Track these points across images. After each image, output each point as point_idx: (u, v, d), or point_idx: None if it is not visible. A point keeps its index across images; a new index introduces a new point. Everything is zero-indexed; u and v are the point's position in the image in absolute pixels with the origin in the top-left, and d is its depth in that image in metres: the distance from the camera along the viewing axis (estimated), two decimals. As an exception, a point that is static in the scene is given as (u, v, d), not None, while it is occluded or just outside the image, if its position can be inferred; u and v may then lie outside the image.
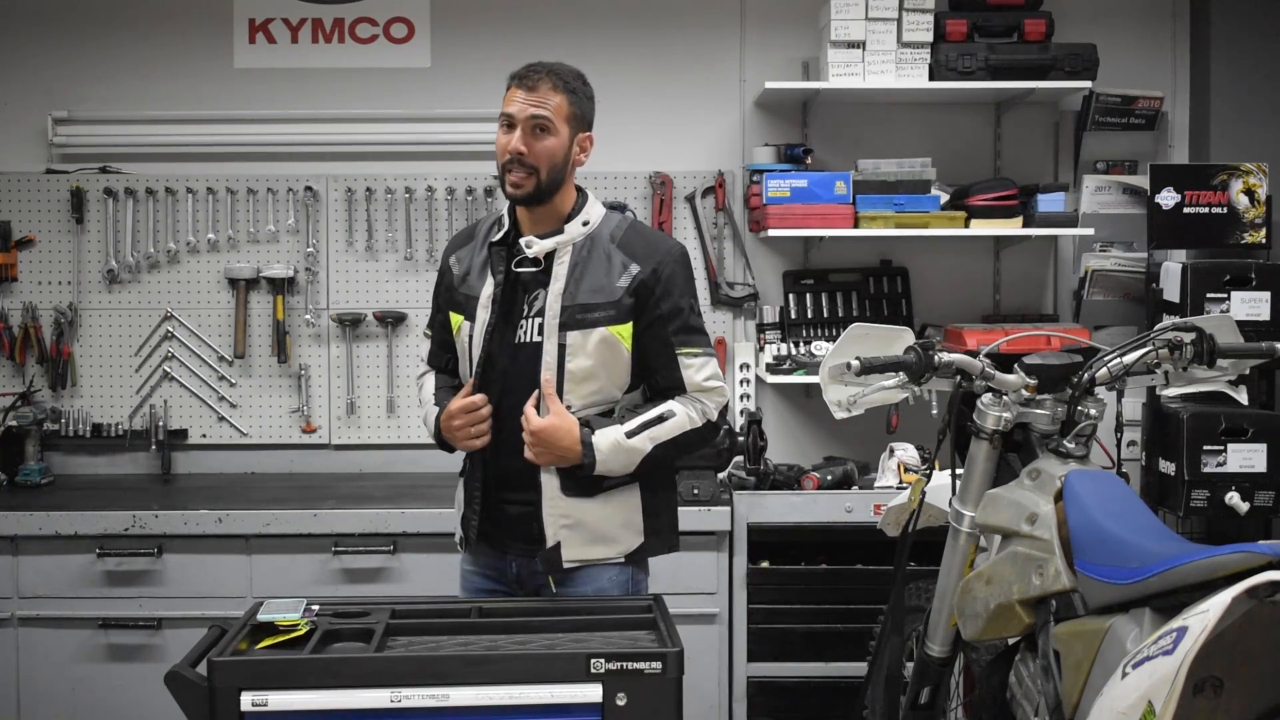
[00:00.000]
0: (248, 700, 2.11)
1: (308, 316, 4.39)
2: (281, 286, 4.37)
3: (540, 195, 2.61)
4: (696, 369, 2.64)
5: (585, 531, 2.62)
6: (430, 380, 2.83)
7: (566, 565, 2.62)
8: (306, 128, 4.39)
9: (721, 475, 3.94)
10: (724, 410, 2.68)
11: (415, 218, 4.40)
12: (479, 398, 2.62)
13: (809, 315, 4.37)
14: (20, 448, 4.25)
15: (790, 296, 4.38)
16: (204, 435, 4.41)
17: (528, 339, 2.63)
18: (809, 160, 4.21)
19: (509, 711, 2.13)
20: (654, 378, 2.66)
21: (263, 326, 4.41)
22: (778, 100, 4.33)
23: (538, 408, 2.58)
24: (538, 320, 2.62)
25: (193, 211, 4.38)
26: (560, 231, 2.64)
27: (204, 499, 3.93)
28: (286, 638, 2.25)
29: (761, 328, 4.36)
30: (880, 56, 4.07)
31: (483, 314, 2.65)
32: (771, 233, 4.09)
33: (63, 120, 4.36)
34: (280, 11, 4.42)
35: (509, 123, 2.60)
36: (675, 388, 2.64)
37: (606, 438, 2.56)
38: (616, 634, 2.32)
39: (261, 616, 2.29)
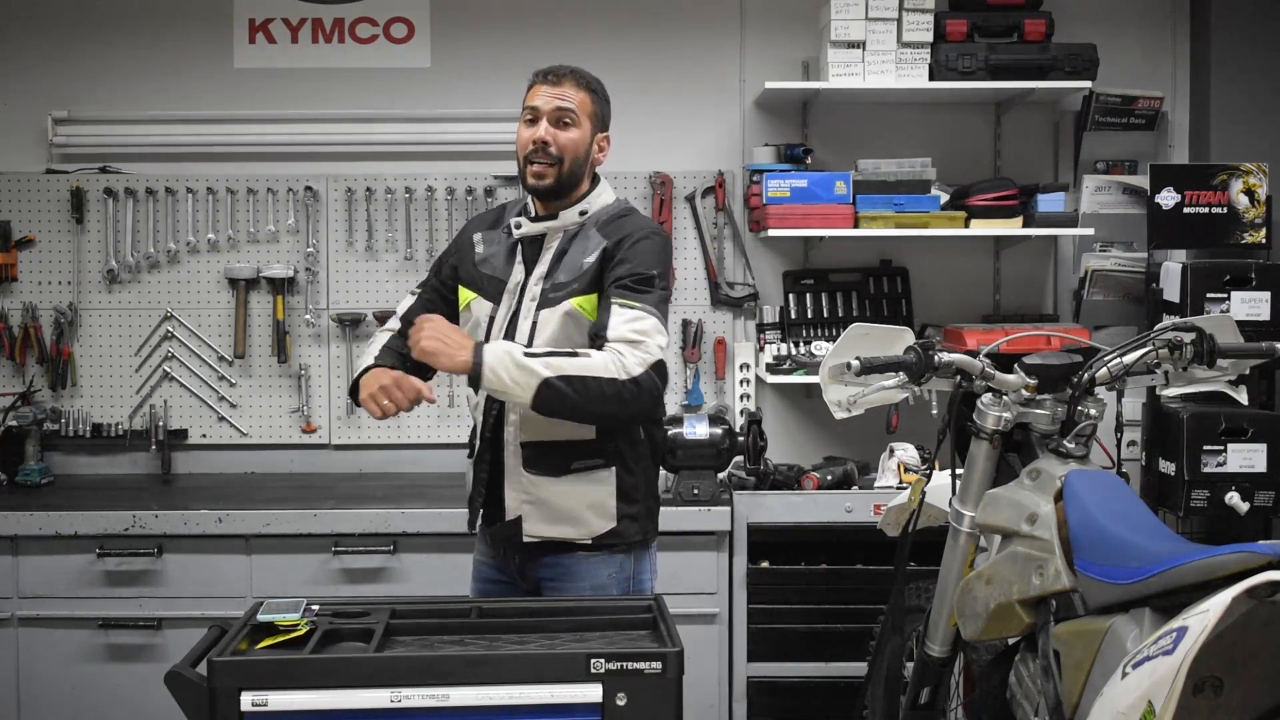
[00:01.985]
0: (248, 700, 2.11)
1: (308, 316, 4.39)
2: (281, 286, 4.37)
3: (561, 188, 2.66)
4: (625, 320, 2.51)
5: (547, 509, 2.64)
6: (380, 337, 2.83)
7: (526, 539, 2.64)
8: (306, 128, 4.39)
9: (721, 475, 3.94)
10: (655, 370, 2.50)
11: (415, 218, 4.40)
12: (428, 393, 2.61)
13: (809, 315, 4.37)
14: (20, 448, 4.25)
15: (790, 296, 4.38)
16: (204, 435, 4.41)
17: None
18: (809, 160, 4.22)
19: (509, 711, 2.13)
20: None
21: (263, 326, 4.41)
22: (778, 100, 4.33)
23: None
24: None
25: (193, 211, 4.38)
26: (554, 218, 2.67)
27: (204, 499, 3.93)
28: (286, 638, 2.25)
29: (761, 328, 4.36)
30: (880, 56, 4.07)
31: (508, 300, 2.69)
32: (771, 233, 4.09)
33: (63, 120, 4.36)
34: (280, 11, 4.42)
35: (533, 116, 2.65)
36: (599, 335, 2.53)
37: (500, 346, 2.51)
38: (616, 634, 2.32)
39: (261, 616, 2.29)
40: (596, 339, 2.55)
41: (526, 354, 2.47)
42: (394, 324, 2.85)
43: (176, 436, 4.39)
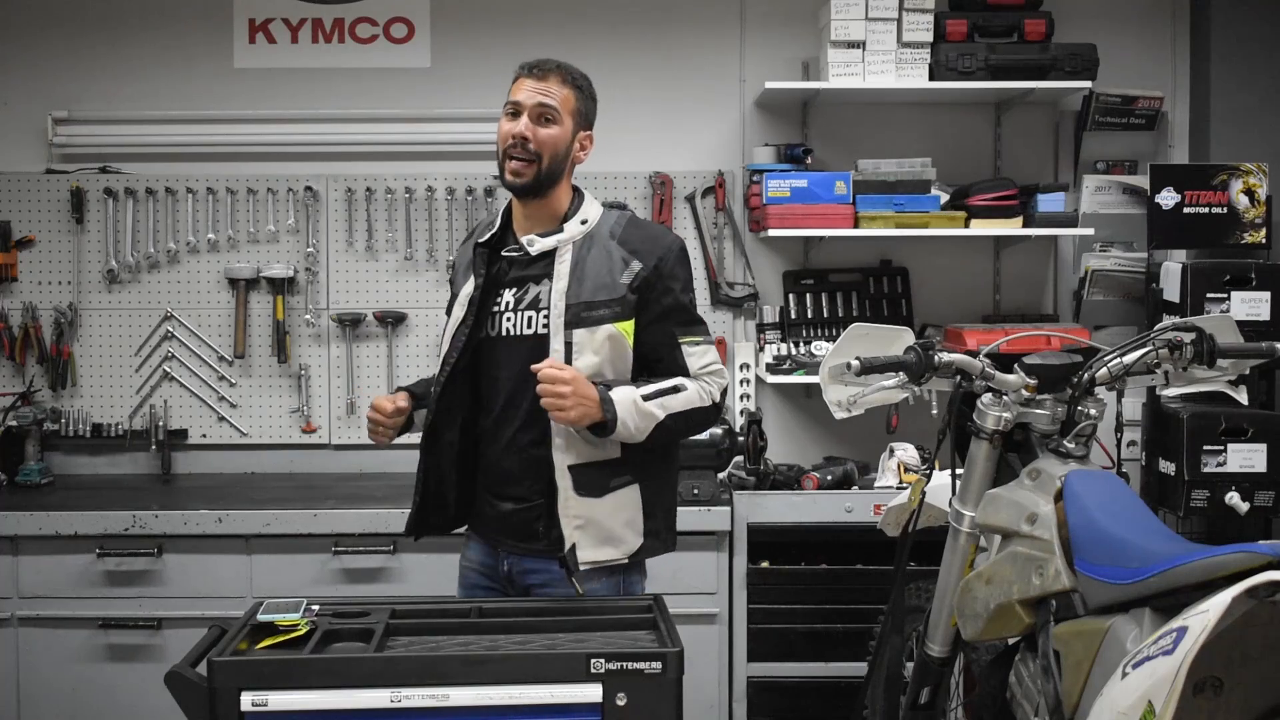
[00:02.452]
0: (248, 700, 2.11)
1: (308, 316, 4.39)
2: (281, 286, 4.37)
3: (539, 186, 2.62)
4: (698, 356, 2.65)
5: (596, 531, 2.60)
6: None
7: (583, 567, 2.59)
8: (306, 128, 4.39)
9: (721, 475, 3.94)
10: (725, 392, 2.69)
11: (415, 218, 4.40)
12: (390, 406, 2.72)
13: (809, 315, 4.37)
14: (20, 448, 4.25)
15: (790, 296, 4.38)
16: (204, 435, 4.41)
17: (517, 332, 2.64)
18: (809, 160, 4.22)
19: (509, 711, 2.13)
20: (656, 368, 2.65)
21: (263, 326, 4.41)
22: (778, 100, 4.33)
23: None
24: (529, 314, 2.63)
25: (193, 211, 4.38)
26: (560, 230, 2.65)
27: (204, 499, 3.93)
28: (286, 638, 2.25)
29: (761, 328, 4.36)
30: (880, 56, 4.07)
31: (458, 311, 2.68)
32: (771, 233, 4.09)
33: (63, 120, 4.36)
34: (280, 11, 4.42)
35: (514, 110, 2.63)
36: (679, 374, 2.64)
37: (624, 394, 2.55)
38: (616, 634, 2.32)
39: (261, 616, 2.29)
40: (653, 366, 2.65)
41: (644, 397, 2.56)
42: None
43: (176, 436, 4.39)
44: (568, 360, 2.57)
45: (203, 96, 4.40)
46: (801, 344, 4.27)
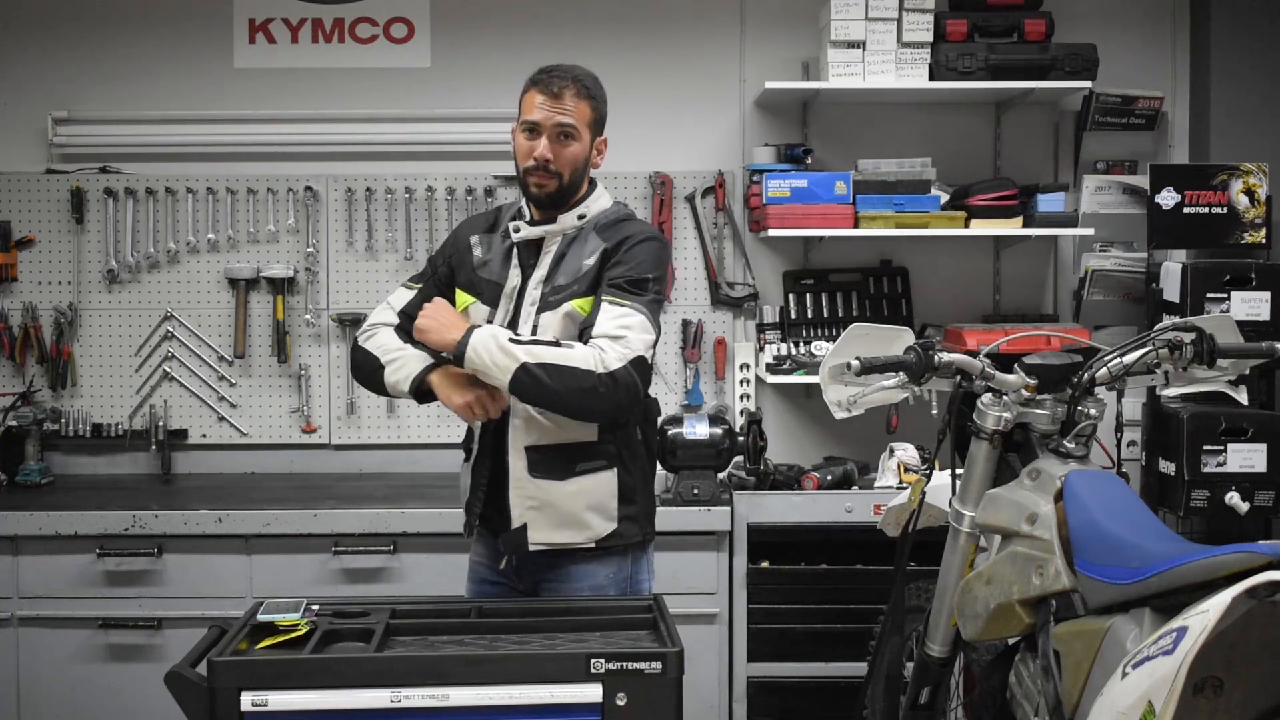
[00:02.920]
0: (248, 700, 2.11)
1: (308, 316, 4.39)
2: (281, 286, 4.37)
3: (562, 196, 2.66)
4: (611, 316, 2.53)
5: (553, 514, 2.62)
6: (392, 334, 2.74)
7: (533, 548, 2.62)
8: (306, 128, 4.39)
9: (721, 475, 3.94)
10: (634, 366, 2.49)
11: (415, 218, 4.40)
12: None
13: (809, 315, 4.37)
14: (20, 448, 4.25)
15: (790, 296, 4.38)
16: (204, 435, 4.41)
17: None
18: (809, 160, 4.22)
19: (509, 711, 2.13)
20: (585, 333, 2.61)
21: (263, 326, 4.41)
22: (778, 100, 4.33)
23: None
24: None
25: (193, 211, 4.38)
26: (552, 221, 2.67)
27: (204, 499, 3.93)
28: (286, 638, 2.25)
29: (761, 328, 4.36)
30: (880, 56, 4.07)
31: (505, 304, 2.68)
32: (771, 233, 4.09)
33: (63, 120, 4.36)
34: (280, 11, 4.42)
35: (531, 129, 2.62)
36: (585, 330, 2.56)
37: (488, 329, 2.54)
38: (616, 634, 2.32)
39: (261, 617, 2.29)
40: (583, 335, 2.56)
41: (511, 339, 2.49)
42: (388, 316, 2.78)
43: (176, 436, 4.39)
44: None
45: (203, 96, 4.40)
46: (801, 344, 4.27)
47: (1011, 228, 4.12)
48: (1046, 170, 4.44)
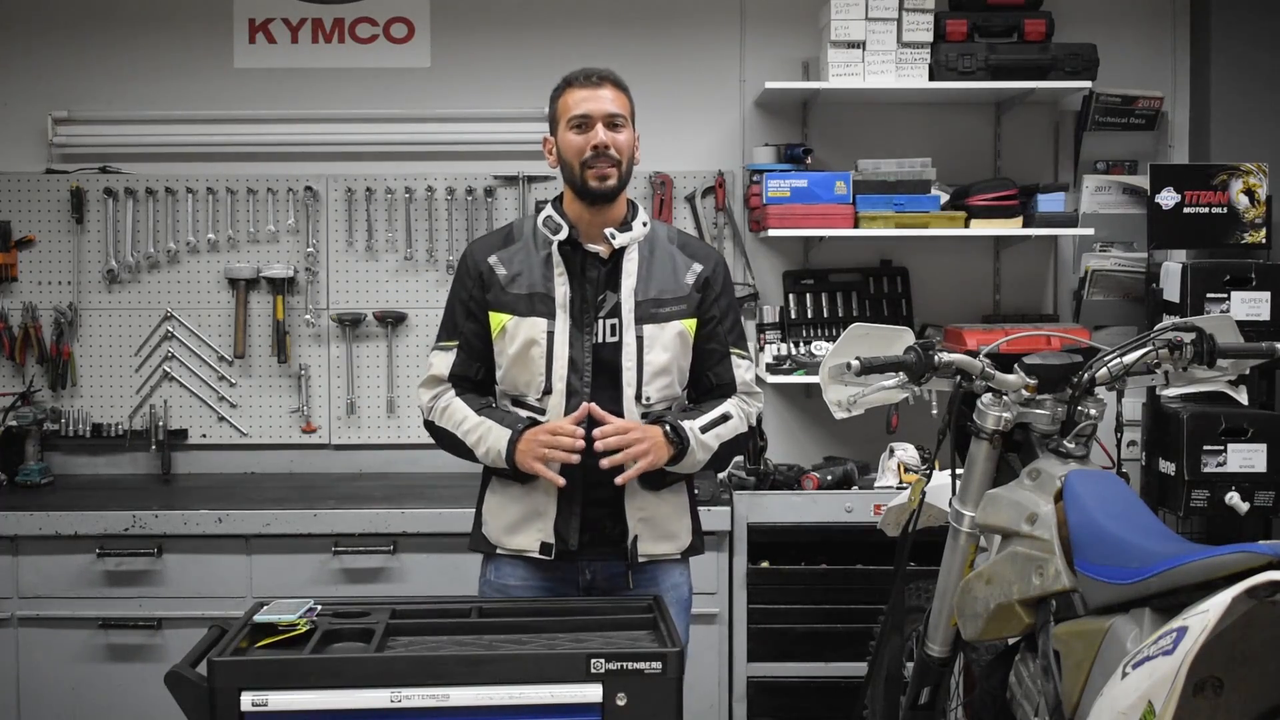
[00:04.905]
0: (248, 700, 2.11)
1: (308, 316, 4.39)
2: (281, 286, 4.37)
3: (621, 188, 2.67)
4: (745, 369, 2.75)
5: (655, 527, 2.68)
6: (458, 402, 2.68)
7: (641, 559, 2.66)
8: (306, 128, 4.40)
9: (721, 475, 3.94)
10: (760, 416, 2.77)
11: (415, 218, 4.40)
12: (575, 426, 2.55)
13: (809, 315, 4.37)
14: (20, 448, 4.25)
15: (790, 296, 4.38)
16: (204, 435, 4.41)
17: (602, 339, 2.63)
18: (809, 160, 4.22)
19: (509, 711, 2.13)
20: (706, 375, 2.72)
21: (263, 326, 4.41)
22: (778, 100, 4.33)
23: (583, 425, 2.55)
24: (610, 321, 2.63)
25: (193, 211, 4.38)
26: (630, 228, 2.67)
27: (204, 499, 3.93)
28: (286, 637, 2.25)
29: (762, 328, 4.36)
30: (880, 56, 4.07)
31: (562, 314, 2.63)
32: (771, 233, 4.09)
33: (63, 120, 4.36)
34: (280, 11, 4.42)
35: (582, 123, 2.63)
36: (726, 386, 2.72)
37: (689, 429, 2.62)
38: (616, 634, 2.32)
39: (261, 617, 2.29)
40: (723, 387, 2.72)
41: (702, 429, 2.63)
42: (440, 387, 2.70)
43: (176, 436, 4.39)
44: (640, 355, 2.62)
45: (203, 96, 4.40)
46: (801, 344, 4.27)
47: (1011, 228, 4.12)
48: (1046, 170, 4.44)
